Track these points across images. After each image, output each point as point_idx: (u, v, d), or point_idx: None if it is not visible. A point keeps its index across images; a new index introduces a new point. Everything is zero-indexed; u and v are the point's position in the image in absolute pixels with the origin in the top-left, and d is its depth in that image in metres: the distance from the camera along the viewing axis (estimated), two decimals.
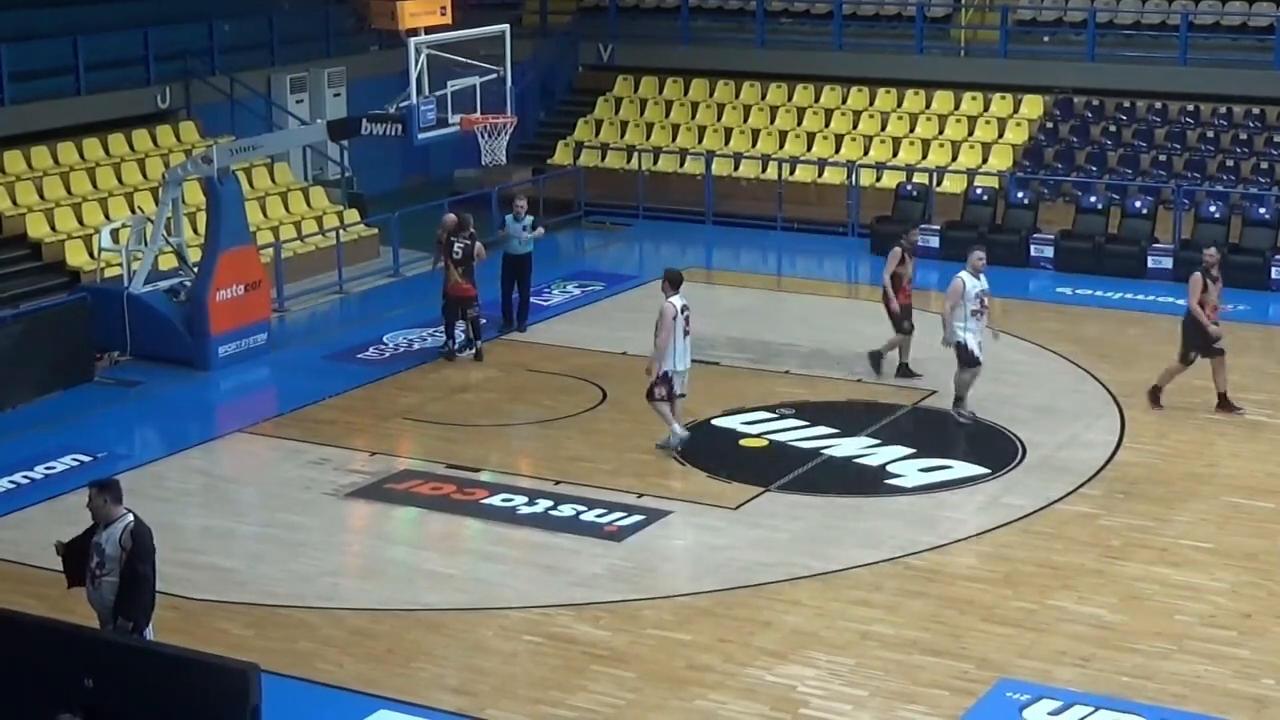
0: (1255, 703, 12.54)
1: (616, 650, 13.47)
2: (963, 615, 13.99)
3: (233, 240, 21.42)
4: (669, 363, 17.53)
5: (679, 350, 17.56)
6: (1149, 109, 29.15)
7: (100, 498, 11.64)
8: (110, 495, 11.66)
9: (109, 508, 11.62)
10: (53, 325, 20.53)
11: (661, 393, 17.64)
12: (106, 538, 11.59)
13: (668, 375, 17.57)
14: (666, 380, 17.58)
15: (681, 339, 17.53)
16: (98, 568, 11.63)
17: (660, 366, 17.55)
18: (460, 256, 20.95)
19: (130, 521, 11.64)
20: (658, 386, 17.61)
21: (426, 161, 31.13)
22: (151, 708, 10.90)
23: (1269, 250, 24.69)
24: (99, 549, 11.61)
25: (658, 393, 17.65)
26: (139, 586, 11.62)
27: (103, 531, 11.61)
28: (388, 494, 17.02)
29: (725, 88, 31.93)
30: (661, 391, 17.63)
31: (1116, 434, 18.39)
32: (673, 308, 17.48)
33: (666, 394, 17.63)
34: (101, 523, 11.62)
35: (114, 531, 11.58)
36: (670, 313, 17.46)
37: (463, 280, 20.99)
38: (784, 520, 16.15)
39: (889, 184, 28.28)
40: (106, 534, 11.60)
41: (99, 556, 11.61)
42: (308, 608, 14.34)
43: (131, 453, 18.60)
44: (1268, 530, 15.77)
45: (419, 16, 21.14)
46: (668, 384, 17.60)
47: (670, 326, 17.41)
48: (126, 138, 26.51)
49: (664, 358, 17.49)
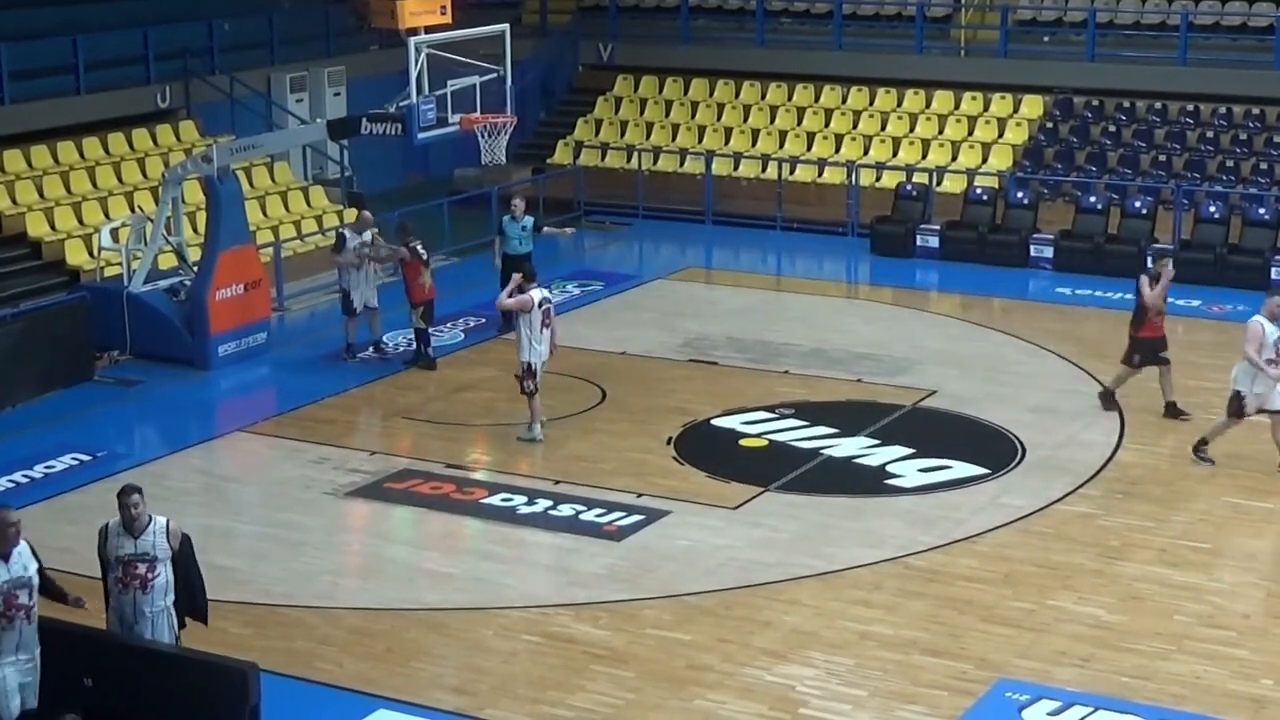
0: (1254, 703, 12.54)
1: (616, 650, 13.47)
2: (962, 615, 14.00)
3: (232, 239, 21.43)
4: (531, 354, 17.99)
5: (544, 340, 18.08)
6: (1149, 109, 29.15)
7: (142, 501, 11.44)
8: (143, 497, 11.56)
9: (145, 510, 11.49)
10: (52, 324, 20.54)
11: (531, 386, 18.09)
12: (150, 541, 11.39)
13: (531, 366, 18.00)
14: (531, 372, 18.00)
15: (539, 330, 17.96)
16: (149, 572, 11.39)
17: (522, 359, 18.04)
18: (426, 259, 21.00)
19: (165, 518, 11.56)
20: (527, 380, 18.09)
21: (426, 161, 31.14)
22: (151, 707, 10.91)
23: (1269, 250, 24.69)
24: (145, 557, 11.35)
25: (528, 386, 18.11)
26: (201, 576, 11.72)
27: (138, 537, 11.38)
28: (387, 493, 17.03)
29: (725, 87, 31.95)
30: (531, 385, 18.08)
31: (1116, 434, 18.40)
32: (530, 300, 17.92)
33: (534, 387, 18.08)
34: (137, 528, 11.39)
35: (155, 532, 11.42)
36: (528, 304, 17.89)
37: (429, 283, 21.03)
38: (783, 520, 16.16)
39: (889, 184, 28.29)
40: (147, 537, 11.39)
41: (146, 562, 11.36)
42: (307, 607, 14.34)
43: (131, 452, 18.61)
44: (1267, 530, 15.79)
45: (419, 16, 21.14)
46: (533, 376, 18.01)
47: (530, 318, 17.93)
48: (126, 137, 26.52)
49: (523, 349, 17.98)
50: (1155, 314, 18.81)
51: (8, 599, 10.77)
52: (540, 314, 17.97)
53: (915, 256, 26.61)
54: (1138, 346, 18.89)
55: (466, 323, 22.67)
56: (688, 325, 22.83)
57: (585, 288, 24.89)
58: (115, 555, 11.42)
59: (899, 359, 21.18)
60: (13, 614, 10.80)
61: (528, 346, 17.99)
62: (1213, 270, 24.43)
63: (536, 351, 18.01)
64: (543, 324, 17.99)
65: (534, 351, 17.99)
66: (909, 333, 22.67)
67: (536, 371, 18.04)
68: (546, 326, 18.06)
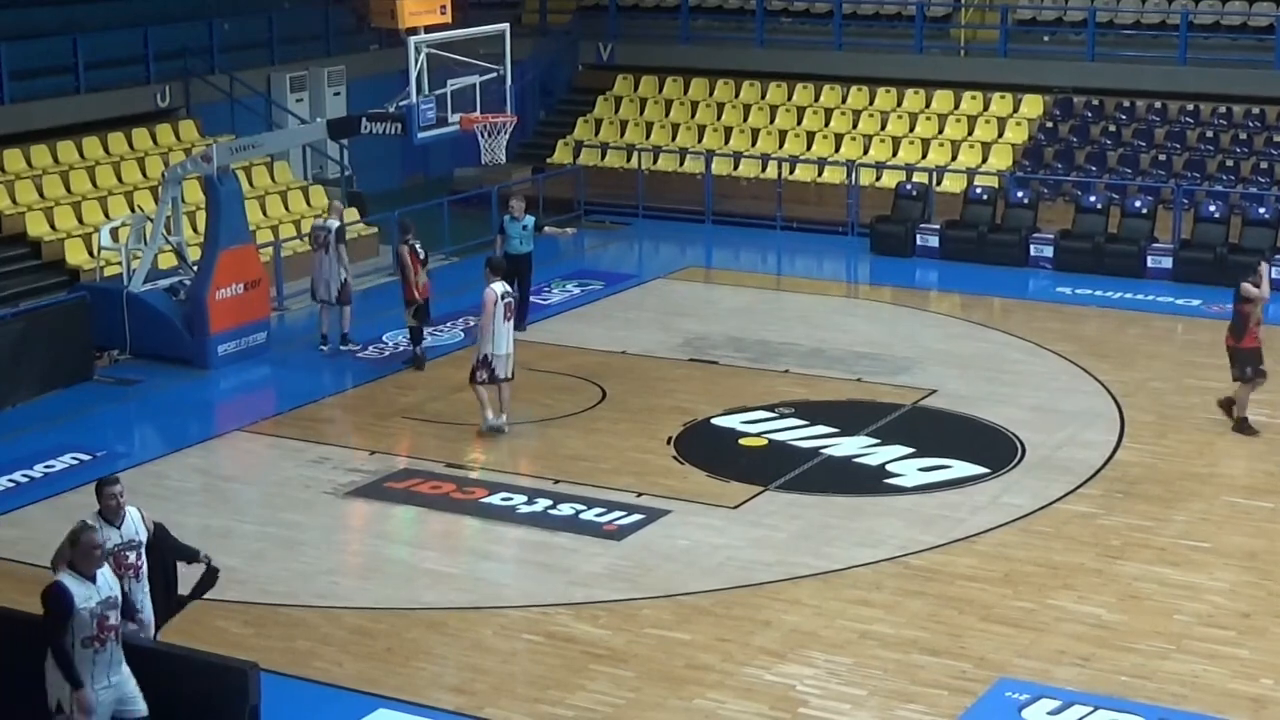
0: (1254, 702, 12.54)
1: (615, 649, 13.47)
2: (962, 615, 14.00)
3: (232, 239, 21.43)
4: (488, 346, 18.23)
5: (499, 335, 18.21)
6: (1149, 109, 29.16)
7: (121, 490, 11.59)
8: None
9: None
10: (52, 324, 20.53)
11: (483, 376, 18.31)
12: (134, 529, 11.59)
13: (487, 359, 18.24)
14: (486, 364, 18.24)
15: (501, 324, 18.19)
16: (137, 559, 11.57)
17: (480, 350, 18.33)
18: (425, 257, 21.05)
19: (132, 507, 11.70)
20: (479, 370, 18.33)
21: (426, 161, 31.16)
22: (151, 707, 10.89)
23: (1269, 250, 24.67)
24: (132, 544, 11.54)
25: (479, 375, 18.33)
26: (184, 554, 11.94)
27: (120, 527, 11.52)
28: (387, 493, 17.03)
29: (725, 87, 31.95)
30: (483, 375, 18.30)
31: (1116, 434, 18.40)
32: (493, 294, 18.18)
33: (487, 378, 18.26)
34: (115, 518, 11.52)
35: (132, 519, 11.61)
36: (490, 298, 18.16)
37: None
38: (783, 520, 16.15)
39: (889, 183, 28.28)
40: (129, 526, 11.56)
41: (135, 549, 11.56)
42: (307, 606, 14.34)
43: (131, 451, 18.61)
44: (1267, 530, 15.78)
45: (419, 15, 21.12)
46: (488, 368, 18.25)
47: (490, 312, 18.15)
48: (126, 136, 26.53)
49: (484, 341, 18.25)
50: (1255, 323, 18.09)
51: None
52: (502, 307, 18.20)
53: (915, 256, 26.61)
54: (1244, 358, 18.04)
55: (466, 322, 22.65)
56: (688, 325, 22.84)
57: (585, 287, 24.89)
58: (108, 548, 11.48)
59: (899, 358, 21.18)
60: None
61: (487, 339, 18.26)
62: (1213, 270, 24.41)
63: (494, 344, 18.24)
64: (504, 317, 18.24)
65: (491, 344, 18.23)
66: (909, 332, 22.68)
67: (492, 364, 18.27)
68: (507, 320, 18.31)
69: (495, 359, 18.27)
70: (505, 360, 18.34)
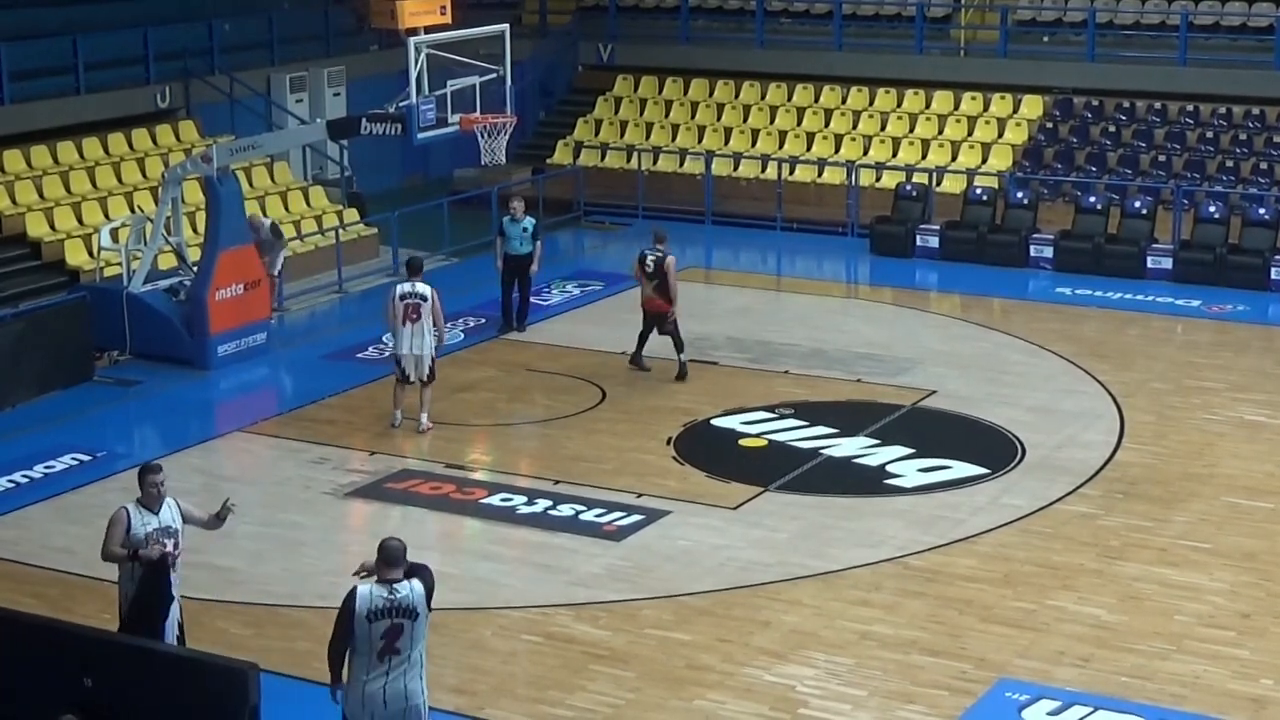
0: (1254, 703, 12.54)
1: (615, 650, 13.47)
2: (962, 615, 14.00)
3: (232, 239, 21.42)
4: (395, 346, 18.66)
5: (400, 335, 18.45)
6: (1149, 109, 29.16)
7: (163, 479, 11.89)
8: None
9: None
10: (52, 324, 20.52)
11: (396, 373, 18.71)
12: (170, 516, 11.85)
13: (396, 358, 18.65)
14: (397, 363, 18.67)
15: (403, 325, 18.37)
16: (175, 547, 11.81)
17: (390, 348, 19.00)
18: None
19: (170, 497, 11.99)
20: (395, 368, 18.76)
21: (426, 161, 31.15)
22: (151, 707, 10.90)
23: (1269, 250, 24.69)
24: (168, 531, 11.79)
25: (394, 372, 18.75)
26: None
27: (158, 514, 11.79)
28: (387, 493, 17.03)
29: (725, 87, 31.94)
30: (396, 372, 18.70)
31: (1115, 434, 18.39)
32: (392, 293, 18.55)
33: (399, 376, 18.63)
34: (155, 505, 11.80)
35: (169, 506, 11.88)
36: (388, 297, 18.65)
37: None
38: (783, 520, 16.15)
39: (889, 184, 28.28)
40: (165, 514, 11.83)
41: (172, 536, 11.80)
42: (307, 607, 14.33)
43: (131, 452, 18.59)
44: (1267, 530, 15.78)
45: (418, 16, 21.15)
46: (399, 366, 18.62)
47: (388, 310, 18.53)
48: (126, 137, 26.52)
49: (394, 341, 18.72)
50: None
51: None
52: (401, 307, 18.36)
53: (915, 256, 26.60)
54: None
55: (466, 323, 22.66)
56: (688, 325, 22.77)
57: (585, 288, 24.88)
58: (145, 534, 11.72)
59: (899, 359, 21.18)
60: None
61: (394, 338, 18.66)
62: (1213, 270, 24.42)
63: (398, 344, 18.52)
64: (407, 318, 18.36)
65: (400, 343, 18.50)
66: (909, 333, 22.67)
67: (402, 363, 18.49)
68: (412, 320, 18.37)
69: (403, 359, 18.52)
70: (413, 361, 18.50)
